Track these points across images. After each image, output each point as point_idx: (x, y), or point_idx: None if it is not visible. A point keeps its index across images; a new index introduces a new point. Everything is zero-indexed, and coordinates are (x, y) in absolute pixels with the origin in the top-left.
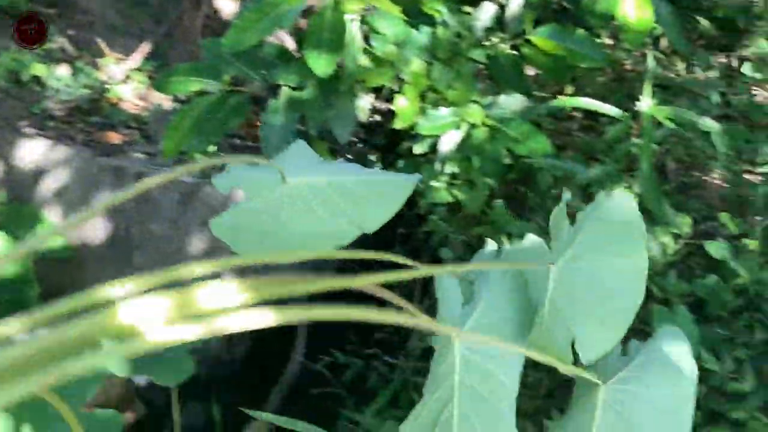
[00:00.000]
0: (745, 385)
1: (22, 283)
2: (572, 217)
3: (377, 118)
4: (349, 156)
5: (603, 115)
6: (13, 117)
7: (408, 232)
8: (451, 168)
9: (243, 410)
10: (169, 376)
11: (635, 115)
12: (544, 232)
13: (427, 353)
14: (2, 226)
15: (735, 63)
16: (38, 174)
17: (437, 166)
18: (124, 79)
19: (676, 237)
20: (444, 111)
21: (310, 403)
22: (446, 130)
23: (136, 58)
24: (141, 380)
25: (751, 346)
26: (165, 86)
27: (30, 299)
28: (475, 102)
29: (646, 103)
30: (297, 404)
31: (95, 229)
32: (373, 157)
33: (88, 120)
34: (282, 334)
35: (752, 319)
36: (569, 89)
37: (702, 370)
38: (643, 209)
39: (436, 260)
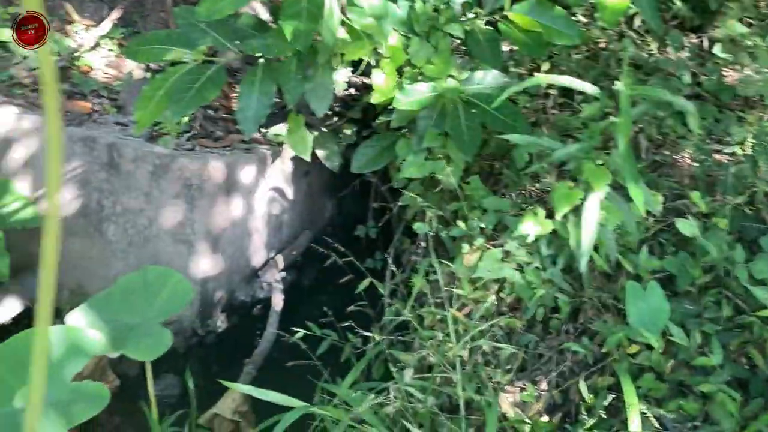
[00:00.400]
0: (712, 359)
1: None
2: (545, 193)
3: (353, 92)
4: (324, 129)
5: (578, 93)
6: None
7: (381, 207)
8: (427, 143)
9: (219, 381)
10: (147, 350)
11: (610, 93)
12: (519, 209)
13: (402, 327)
14: None
15: (706, 44)
16: (6, 143)
17: (414, 140)
18: (94, 46)
19: (648, 214)
20: (421, 86)
21: (285, 375)
22: (424, 104)
23: (106, 25)
24: (113, 353)
25: (718, 321)
26: (136, 54)
27: (0, 269)
28: (452, 77)
29: (624, 81)
30: (271, 376)
31: (66, 201)
32: (348, 131)
33: (58, 88)
34: (257, 307)
35: (720, 295)
36: (545, 66)
37: (670, 344)
38: (618, 186)
39: (410, 234)
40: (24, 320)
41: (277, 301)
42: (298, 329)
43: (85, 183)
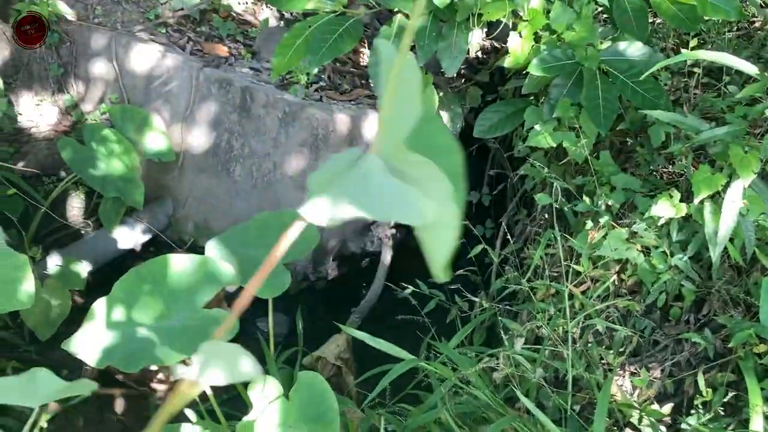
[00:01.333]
0: None
1: (128, 182)
2: (678, 176)
3: (480, 55)
4: (449, 91)
5: (726, 74)
6: (128, 21)
7: (497, 175)
8: (559, 112)
9: (324, 326)
10: (267, 288)
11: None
12: (649, 189)
13: (510, 296)
14: (112, 124)
15: None
16: (149, 78)
17: (545, 109)
18: None
19: None
20: (559, 52)
21: (387, 329)
22: (560, 72)
23: None
24: (231, 287)
25: None
26: (280, 2)
27: (135, 197)
28: (592, 45)
29: None
30: (374, 327)
31: (199, 138)
32: (473, 95)
33: (198, 30)
34: (365, 260)
35: None
36: (692, 42)
37: None
38: (765, 176)
39: (526, 204)
40: (151, 246)
41: (386, 257)
42: (406, 285)
43: (217, 123)
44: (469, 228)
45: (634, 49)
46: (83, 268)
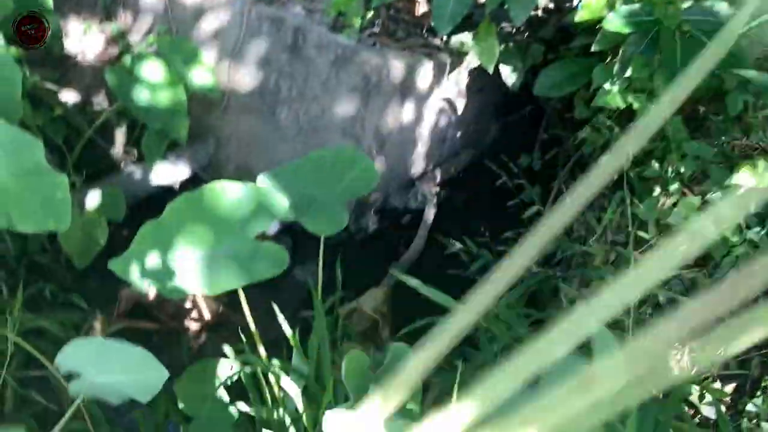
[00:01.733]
0: None
1: (174, 114)
2: (752, 149)
3: (540, 14)
4: (513, 43)
5: None
6: None
7: (550, 138)
8: (633, 72)
9: (363, 277)
10: (324, 225)
11: None
12: (725, 158)
13: (561, 263)
14: (159, 55)
15: None
16: (198, 12)
17: (617, 67)
18: None
19: None
20: (638, 8)
21: (427, 284)
22: (636, 29)
23: None
24: (271, 229)
25: None
26: None
27: (180, 130)
28: (672, 3)
29: None
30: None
31: (246, 77)
32: (536, 51)
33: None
34: (407, 216)
35: None
36: None
37: None
38: None
39: (583, 169)
40: (189, 186)
41: (429, 214)
42: (454, 240)
43: (266, 63)
44: (521, 189)
45: (719, 8)
46: (123, 201)
